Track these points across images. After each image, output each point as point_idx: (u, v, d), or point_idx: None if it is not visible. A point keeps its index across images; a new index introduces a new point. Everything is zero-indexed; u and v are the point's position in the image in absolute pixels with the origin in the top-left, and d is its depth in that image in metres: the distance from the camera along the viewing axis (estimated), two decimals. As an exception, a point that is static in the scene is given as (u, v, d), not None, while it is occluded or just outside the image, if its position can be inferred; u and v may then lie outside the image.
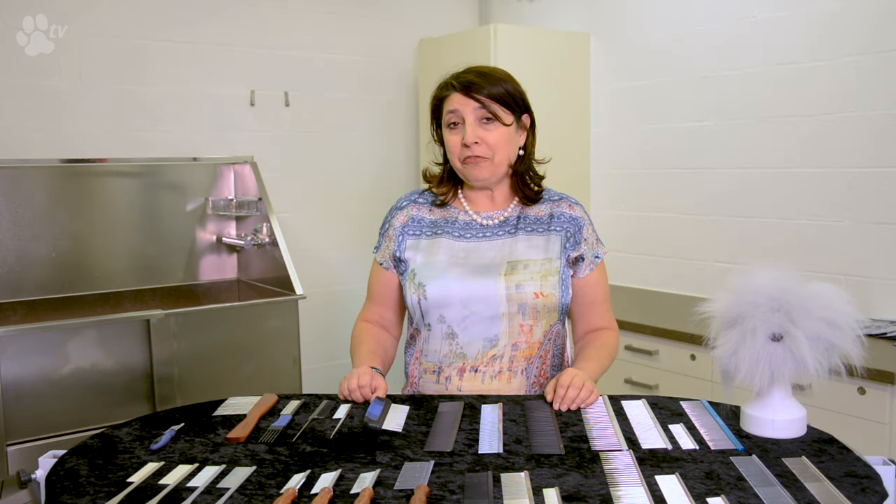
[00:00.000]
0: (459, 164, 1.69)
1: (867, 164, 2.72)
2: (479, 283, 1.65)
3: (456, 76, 1.69)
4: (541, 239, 1.71)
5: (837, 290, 1.35)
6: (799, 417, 1.35)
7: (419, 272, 1.70)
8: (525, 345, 1.67)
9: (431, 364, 1.71)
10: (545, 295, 1.65)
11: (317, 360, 3.73)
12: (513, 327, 1.66)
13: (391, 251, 1.77)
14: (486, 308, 1.65)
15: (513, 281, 1.65)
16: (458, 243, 1.72)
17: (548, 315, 1.68)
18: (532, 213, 1.74)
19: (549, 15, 3.87)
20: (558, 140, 3.57)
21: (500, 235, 1.72)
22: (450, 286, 1.66)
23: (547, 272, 1.67)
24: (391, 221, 1.79)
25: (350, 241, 3.82)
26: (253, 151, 3.45)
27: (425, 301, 1.68)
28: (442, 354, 1.69)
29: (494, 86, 1.66)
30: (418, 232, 1.75)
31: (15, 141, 3.03)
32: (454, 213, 1.76)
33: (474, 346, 1.66)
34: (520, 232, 1.72)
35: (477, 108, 1.65)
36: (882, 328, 2.55)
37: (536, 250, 1.69)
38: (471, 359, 1.66)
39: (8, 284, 2.86)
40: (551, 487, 1.15)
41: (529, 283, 1.65)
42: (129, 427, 1.45)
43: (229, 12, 3.48)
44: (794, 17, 2.88)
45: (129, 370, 2.51)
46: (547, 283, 1.66)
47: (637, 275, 3.55)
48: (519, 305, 1.65)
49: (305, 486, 1.17)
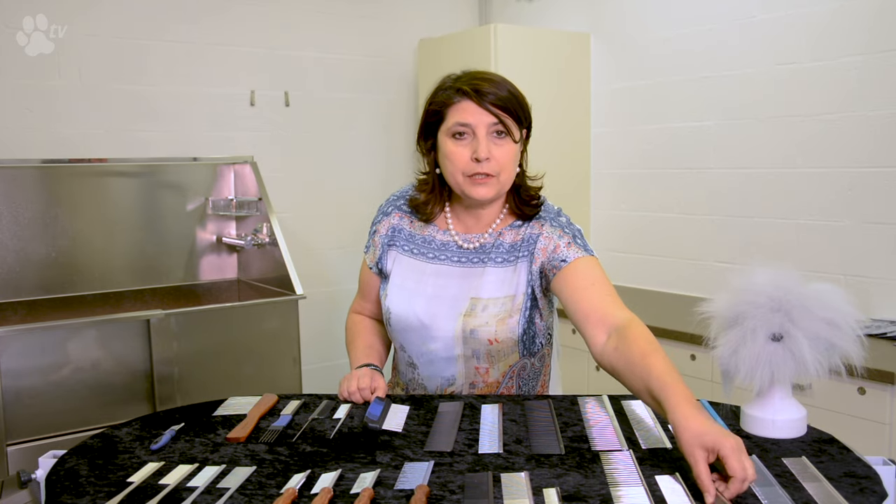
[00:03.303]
0: (462, 178, 1.55)
1: (867, 164, 2.72)
2: (438, 323, 1.61)
3: (466, 81, 1.54)
4: (509, 270, 1.60)
5: (837, 290, 1.35)
6: (799, 417, 1.35)
7: (389, 293, 1.67)
8: (482, 384, 1.65)
9: (402, 382, 1.74)
10: (499, 341, 1.58)
11: (317, 360, 3.73)
12: (468, 369, 1.63)
13: (377, 256, 1.72)
14: (443, 349, 1.62)
15: (469, 324, 1.58)
16: (429, 266, 1.64)
17: (504, 358, 1.61)
18: (509, 240, 1.61)
19: (549, 15, 3.86)
20: (558, 140, 3.57)
21: (473, 263, 1.62)
22: (410, 321, 1.63)
23: (507, 313, 1.58)
24: (377, 227, 1.73)
25: (350, 241, 3.83)
26: (253, 151, 3.45)
27: (389, 327, 1.68)
28: (408, 378, 1.71)
29: (506, 95, 1.53)
30: (396, 244, 1.69)
31: (15, 141, 3.03)
32: (433, 232, 1.67)
33: (433, 381, 1.67)
34: (490, 262, 1.61)
35: (491, 121, 1.52)
36: (882, 328, 2.55)
37: (502, 285, 1.59)
38: (431, 391, 1.67)
39: (8, 284, 2.86)
40: (551, 487, 1.15)
41: (484, 328, 1.57)
42: (129, 427, 1.45)
43: (229, 12, 3.48)
44: (794, 17, 2.88)
45: (129, 370, 2.51)
46: (504, 327, 1.57)
47: (637, 275, 3.55)
48: (473, 350, 1.60)
49: (305, 486, 1.17)
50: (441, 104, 1.56)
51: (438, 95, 1.57)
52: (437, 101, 1.57)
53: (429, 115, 1.59)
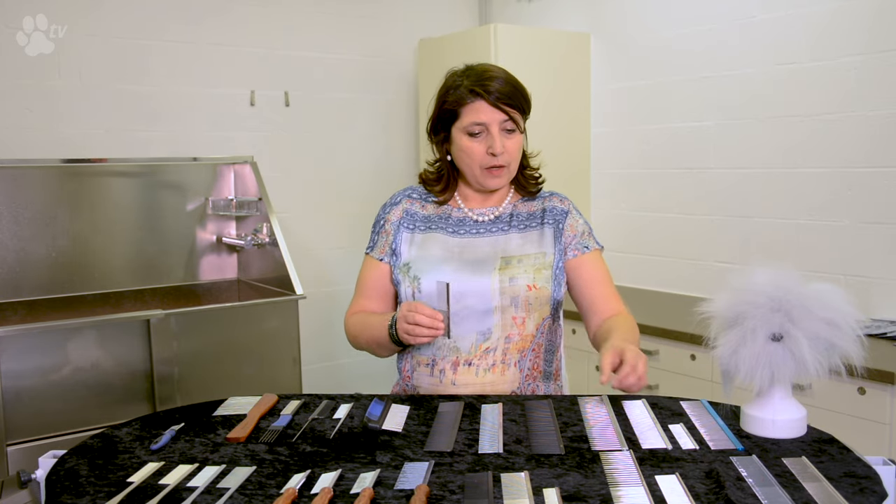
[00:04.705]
0: (479, 171, 1.69)
1: (867, 164, 2.72)
2: (472, 277, 1.67)
3: (476, 81, 1.66)
4: (534, 233, 1.74)
5: (837, 290, 1.35)
6: (799, 417, 1.35)
7: (414, 265, 1.71)
8: (518, 337, 1.68)
9: (425, 357, 1.71)
10: (538, 287, 1.68)
11: (317, 360, 3.73)
12: (505, 320, 1.67)
13: (389, 244, 1.77)
14: (479, 302, 1.66)
15: (507, 275, 1.67)
16: (451, 239, 1.74)
17: (540, 308, 1.69)
18: (524, 210, 1.77)
19: (549, 15, 3.86)
20: (558, 140, 3.57)
21: (493, 232, 1.74)
22: (443, 279, 1.65)
23: (541, 266, 1.70)
24: (386, 216, 1.80)
25: (350, 241, 3.83)
26: (253, 151, 3.45)
27: (419, 294, 1.68)
28: (435, 348, 1.69)
29: (512, 92, 1.66)
30: (412, 226, 1.77)
31: (15, 141, 3.03)
32: (447, 210, 1.78)
33: (467, 339, 1.67)
34: (513, 229, 1.74)
35: (502, 118, 1.66)
36: (882, 328, 2.55)
37: (531, 245, 1.72)
38: (464, 352, 1.67)
39: (8, 284, 2.86)
40: (551, 487, 1.15)
41: (523, 276, 1.67)
42: (129, 427, 1.45)
43: (229, 12, 3.48)
44: (794, 17, 2.88)
45: (129, 370, 2.51)
46: (540, 276, 1.69)
47: (637, 275, 3.55)
48: (511, 298, 1.66)
49: (305, 486, 1.17)
50: (455, 103, 1.69)
51: (451, 94, 1.70)
52: (450, 100, 1.69)
53: (443, 113, 1.72)
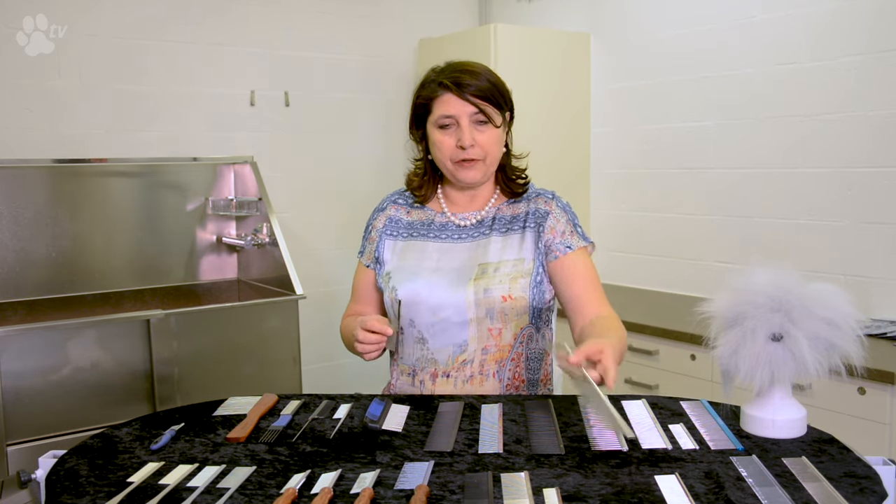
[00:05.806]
0: (451, 164, 1.69)
1: (867, 164, 2.72)
2: (448, 290, 1.65)
3: (447, 75, 1.67)
4: (516, 237, 1.71)
5: (837, 290, 1.35)
6: (799, 417, 1.35)
7: (393, 275, 1.72)
8: (495, 348, 1.67)
9: (407, 367, 1.72)
10: (513, 298, 1.65)
11: (317, 360, 3.72)
12: (481, 332, 1.66)
13: (373, 251, 1.80)
14: (455, 314, 1.65)
15: (481, 285, 1.64)
16: (432, 244, 1.73)
17: (517, 318, 1.67)
18: (509, 213, 1.74)
19: (548, 15, 3.86)
20: (558, 140, 3.57)
21: (474, 237, 1.73)
22: (419, 291, 1.67)
23: (518, 274, 1.66)
24: (373, 223, 1.83)
25: (350, 241, 3.82)
26: (253, 151, 3.45)
27: (394, 310, 1.69)
28: (415, 358, 1.70)
29: (485, 86, 1.65)
30: (395, 233, 1.78)
31: (15, 141, 3.03)
32: (431, 215, 1.78)
33: (444, 351, 1.67)
34: (494, 233, 1.72)
35: (472, 111, 1.64)
36: (882, 328, 2.55)
37: (510, 250, 1.69)
38: (442, 364, 1.67)
39: (8, 284, 2.86)
40: (551, 487, 1.15)
41: (498, 286, 1.64)
42: (129, 427, 1.45)
43: (229, 12, 3.48)
44: (794, 17, 2.88)
45: (129, 370, 2.51)
46: (516, 285, 1.65)
47: (637, 275, 3.55)
48: (487, 310, 1.65)
49: (305, 486, 1.17)
50: (427, 98, 1.70)
51: (424, 89, 1.71)
52: (422, 94, 1.71)
53: (417, 108, 1.74)
